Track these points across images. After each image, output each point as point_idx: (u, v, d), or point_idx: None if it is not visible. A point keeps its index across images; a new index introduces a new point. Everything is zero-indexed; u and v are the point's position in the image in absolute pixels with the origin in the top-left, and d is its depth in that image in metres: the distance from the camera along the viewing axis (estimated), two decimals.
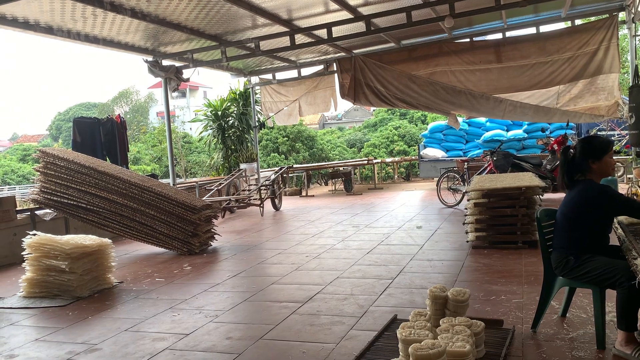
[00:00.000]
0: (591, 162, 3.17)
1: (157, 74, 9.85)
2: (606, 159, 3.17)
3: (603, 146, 3.18)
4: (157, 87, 45.79)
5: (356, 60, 9.97)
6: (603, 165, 3.17)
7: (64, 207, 6.93)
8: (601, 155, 3.16)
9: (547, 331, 3.42)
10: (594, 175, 3.20)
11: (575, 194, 3.21)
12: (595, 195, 3.11)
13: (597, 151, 3.17)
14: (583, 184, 3.20)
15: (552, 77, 8.97)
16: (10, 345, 3.87)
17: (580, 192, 3.19)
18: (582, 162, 3.20)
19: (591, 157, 3.17)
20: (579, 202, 3.18)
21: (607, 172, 3.22)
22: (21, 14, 6.97)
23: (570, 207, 3.22)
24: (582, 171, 3.21)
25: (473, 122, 13.88)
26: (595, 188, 3.14)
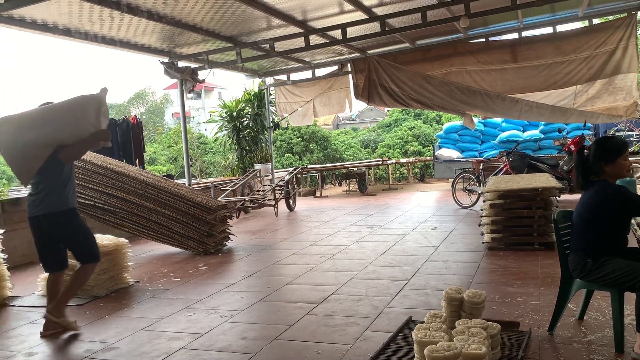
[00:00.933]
0: (604, 164, 3.14)
1: (173, 75, 9.93)
2: (620, 161, 3.13)
3: (617, 148, 3.14)
4: (173, 88, 46.12)
5: (370, 61, 9.95)
6: (617, 167, 3.14)
7: (81, 207, 7.00)
8: (614, 157, 3.13)
9: (564, 334, 3.39)
10: (608, 177, 3.17)
11: (590, 195, 3.19)
12: (609, 196, 3.08)
13: (610, 154, 3.14)
14: (598, 185, 3.18)
15: (569, 77, 8.87)
16: (29, 343, 3.93)
17: (595, 193, 3.17)
18: (595, 164, 3.17)
19: (604, 159, 3.14)
20: (593, 203, 3.15)
21: (621, 174, 3.19)
22: (40, 16, 7.07)
23: (586, 208, 3.20)
24: (596, 173, 3.18)
25: (489, 122, 13.77)
26: (609, 188, 3.12)
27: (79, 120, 4.04)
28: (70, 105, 4.11)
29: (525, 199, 5.96)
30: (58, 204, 4.04)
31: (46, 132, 3.93)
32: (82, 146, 4.13)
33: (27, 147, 3.90)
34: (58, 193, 4.04)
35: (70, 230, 4.15)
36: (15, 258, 6.66)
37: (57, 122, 3.99)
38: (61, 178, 4.07)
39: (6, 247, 5.45)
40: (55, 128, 3.96)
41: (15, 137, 3.92)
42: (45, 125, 3.95)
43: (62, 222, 4.08)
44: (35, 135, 3.90)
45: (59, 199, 4.05)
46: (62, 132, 3.99)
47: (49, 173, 4.01)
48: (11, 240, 6.54)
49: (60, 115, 4.02)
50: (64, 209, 4.07)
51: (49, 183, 4.01)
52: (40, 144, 3.92)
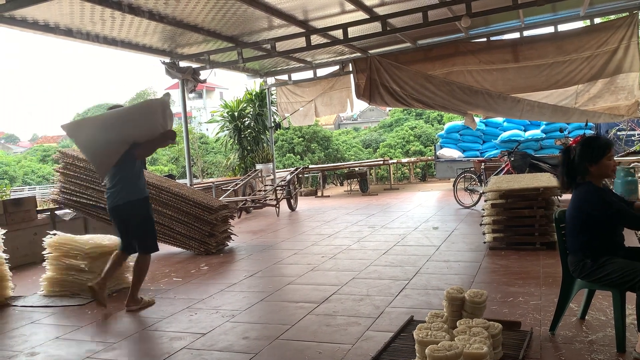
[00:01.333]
0: (588, 164, 3.13)
1: (175, 75, 9.94)
2: (604, 161, 3.12)
3: (601, 149, 3.13)
4: (174, 88, 46.16)
5: (372, 61, 9.95)
6: (601, 168, 3.13)
7: (83, 207, 7.03)
8: (598, 158, 3.12)
9: (566, 333, 3.39)
10: (593, 177, 3.17)
11: (575, 197, 3.19)
12: (589, 200, 3.08)
13: (595, 154, 3.13)
14: (582, 187, 3.18)
15: (571, 77, 8.86)
16: (31, 343, 3.94)
17: (578, 195, 3.18)
18: (580, 164, 3.17)
19: (588, 159, 3.13)
20: (579, 206, 3.15)
21: (606, 174, 3.18)
22: (41, 17, 7.09)
23: (573, 211, 3.20)
24: (581, 173, 3.18)
25: (490, 122, 13.76)
26: (590, 193, 3.12)
27: (150, 121, 4.61)
28: (141, 109, 4.80)
29: (527, 199, 5.95)
30: (134, 193, 4.63)
31: (123, 132, 4.50)
32: (153, 144, 4.74)
33: (107, 145, 4.49)
34: (133, 184, 4.64)
35: (137, 218, 4.68)
36: (17, 258, 6.67)
37: (131, 123, 4.55)
38: (134, 171, 4.66)
39: (8, 248, 5.46)
40: (129, 129, 4.53)
41: (95, 136, 4.50)
42: (121, 126, 4.52)
43: (133, 211, 4.63)
44: (113, 134, 4.48)
45: (135, 189, 4.64)
46: (136, 132, 4.56)
47: (124, 167, 4.59)
48: (13, 240, 6.55)
49: (134, 118, 4.59)
50: (140, 197, 4.69)
51: (125, 176, 4.60)
52: (118, 142, 4.51)
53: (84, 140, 4.57)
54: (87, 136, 4.56)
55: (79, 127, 4.71)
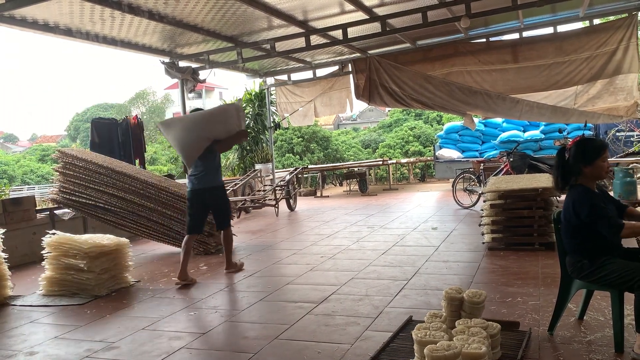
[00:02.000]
0: (583, 166, 3.14)
1: (174, 75, 9.94)
2: (598, 162, 3.12)
3: (595, 150, 3.14)
4: (174, 88, 46.13)
5: (371, 61, 9.96)
6: (595, 169, 3.13)
7: (82, 206, 7.03)
8: (593, 159, 3.12)
9: (564, 334, 3.39)
10: (586, 178, 3.17)
11: (567, 200, 3.20)
12: (579, 203, 3.09)
13: (589, 155, 3.13)
14: (574, 188, 3.19)
15: (570, 77, 8.86)
16: (30, 342, 3.94)
17: (570, 197, 3.19)
18: (574, 165, 3.17)
19: (582, 160, 3.14)
20: (570, 209, 3.16)
21: (599, 175, 3.18)
22: (41, 16, 7.09)
23: (566, 212, 3.21)
24: (575, 174, 3.19)
25: (489, 122, 13.77)
26: (580, 195, 3.12)
27: (227, 122, 5.63)
28: (220, 112, 5.78)
29: (526, 199, 5.96)
30: (214, 181, 5.65)
31: (206, 130, 5.49)
32: (230, 140, 5.79)
33: (194, 141, 5.46)
34: (213, 173, 5.66)
35: (219, 200, 5.72)
36: (16, 258, 6.67)
37: (213, 123, 5.55)
38: (214, 163, 5.68)
39: (7, 247, 5.45)
40: (211, 128, 5.52)
41: (184, 133, 5.47)
42: (204, 126, 5.50)
43: (216, 193, 5.67)
44: (198, 132, 5.46)
45: (214, 177, 5.67)
46: (217, 130, 5.57)
47: (206, 159, 5.58)
48: (12, 239, 6.54)
49: (214, 119, 5.60)
50: (218, 185, 5.74)
51: (206, 166, 5.60)
52: (202, 139, 5.48)
53: (174, 137, 5.54)
54: (176, 133, 5.52)
55: (170, 125, 5.72)
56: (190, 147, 5.48)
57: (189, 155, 5.51)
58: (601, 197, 3.18)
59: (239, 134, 5.75)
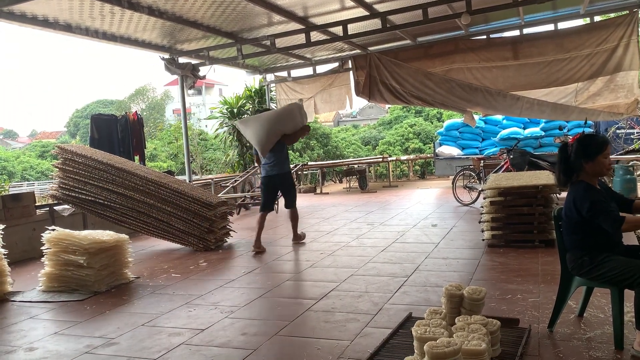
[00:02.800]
0: (584, 162, 3.14)
1: (174, 72, 9.92)
2: (600, 159, 3.13)
3: (597, 146, 3.14)
4: (173, 85, 46.12)
5: (371, 58, 9.94)
6: (597, 165, 3.14)
7: (82, 203, 7.03)
8: (594, 155, 3.13)
9: (564, 331, 3.39)
10: (587, 175, 3.18)
11: (569, 196, 3.21)
12: (580, 199, 3.09)
13: (591, 151, 3.14)
14: (575, 185, 3.19)
15: (570, 75, 8.84)
16: (29, 338, 3.94)
17: (571, 194, 3.19)
18: (576, 161, 3.18)
19: (584, 157, 3.14)
20: (572, 205, 3.16)
21: (601, 172, 3.19)
22: (41, 12, 7.06)
23: (568, 209, 3.21)
24: (576, 171, 3.19)
25: (489, 119, 13.76)
26: (581, 191, 3.13)
27: (294, 119, 6.72)
28: (287, 110, 6.86)
29: (526, 196, 5.96)
30: (283, 168, 6.74)
31: (277, 126, 6.58)
32: (296, 135, 6.88)
33: (267, 135, 6.53)
34: (282, 162, 6.74)
35: (288, 184, 6.86)
36: (16, 254, 6.67)
37: (283, 120, 6.65)
38: (283, 153, 6.77)
39: (7, 243, 5.45)
40: (281, 124, 6.61)
41: (260, 129, 6.54)
42: (275, 122, 6.58)
43: (285, 179, 6.78)
44: (272, 128, 6.55)
45: (284, 165, 6.75)
46: (286, 126, 6.67)
47: (277, 150, 6.68)
48: (12, 235, 6.54)
49: (283, 117, 6.70)
50: (287, 171, 6.84)
51: (277, 156, 6.68)
52: (275, 133, 6.58)
53: (251, 132, 6.63)
54: (253, 129, 6.61)
55: (247, 123, 6.86)
56: (266, 140, 6.55)
57: (264, 147, 6.58)
58: (603, 193, 3.18)
59: (303, 128, 6.89)
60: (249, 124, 6.75)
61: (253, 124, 6.69)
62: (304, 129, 6.93)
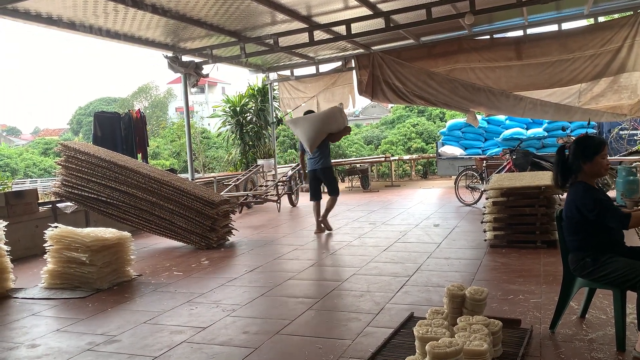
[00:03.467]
0: (582, 162, 3.16)
1: (177, 70, 9.93)
2: (598, 159, 3.14)
3: (595, 146, 3.16)
4: (176, 83, 46.08)
5: (375, 57, 9.93)
6: (595, 165, 3.15)
7: (84, 200, 7.04)
8: (592, 155, 3.14)
9: (566, 332, 3.39)
10: (586, 176, 3.19)
11: (570, 197, 3.22)
12: (582, 199, 3.10)
13: (589, 151, 3.15)
14: (575, 185, 3.21)
15: (574, 75, 8.81)
16: (32, 335, 3.95)
17: (572, 194, 3.21)
18: (574, 162, 3.19)
19: (582, 157, 3.16)
20: (573, 205, 3.17)
21: (599, 172, 3.21)
22: (45, 9, 7.08)
23: (568, 210, 3.21)
24: (575, 172, 3.20)
25: (492, 119, 13.74)
26: (582, 191, 3.13)
27: (337, 120, 7.65)
28: (331, 113, 7.74)
29: (528, 197, 5.96)
30: (326, 163, 7.66)
31: (324, 126, 7.52)
32: (339, 134, 7.82)
33: (316, 133, 7.46)
34: (326, 157, 7.67)
35: (329, 176, 7.80)
36: (18, 250, 6.69)
37: (329, 121, 7.59)
38: (326, 150, 7.69)
39: (9, 240, 5.46)
40: (327, 124, 7.56)
41: (309, 128, 7.47)
42: (322, 123, 7.54)
43: (327, 171, 7.74)
44: (320, 127, 7.50)
45: (327, 160, 7.69)
46: (332, 126, 7.61)
47: (322, 147, 7.61)
48: (14, 232, 6.56)
49: (328, 118, 7.61)
50: (329, 165, 7.77)
51: (322, 152, 7.62)
52: (322, 132, 7.53)
53: (301, 130, 7.56)
54: (303, 128, 7.55)
55: (297, 122, 7.77)
56: (314, 138, 7.47)
57: (313, 144, 7.52)
58: (603, 191, 3.19)
59: (345, 129, 7.83)
60: (299, 124, 7.65)
61: (303, 123, 7.60)
62: (345, 129, 7.83)
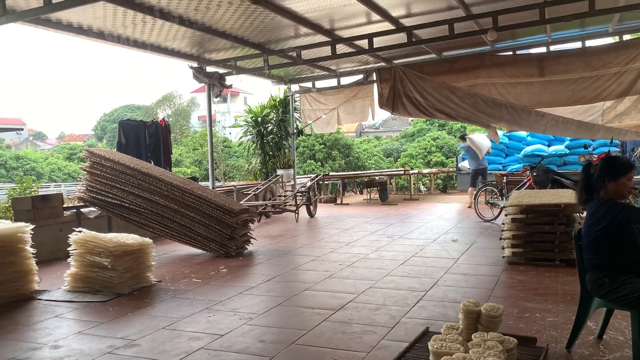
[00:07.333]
0: (607, 180, 3.18)
1: (202, 80, 10.11)
2: (623, 180, 3.16)
3: (622, 167, 3.19)
4: (199, 92, 46.71)
5: (396, 71, 9.99)
6: (619, 185, 3.17)
7: (108, 206, 7.18)
8: (618, 175, 3.17)
9: (582, 352, 3.37)
10: (608, 195, 3.21)
11: (590, 213, 3.23)
12: (606, 210, 3.11)
13: (615, 171, 3.18)
14: (595, 202, 3.22)
15: (598, 93, 8.75)
16: (54, 336, 4.06)
17: (593, 212, 3.22)
18: (599, 179, 3.21)
19: (608, 175, 3.18)
20: (594, 222, 3.18)
21: (622, 194, 3.22)
22: (76, 19, 7.31)
23: (589, 228, 3.22)
24: (598, 189, 3.22)
25: (513, 135, 13.67)
26: (605, 203, 3.16)
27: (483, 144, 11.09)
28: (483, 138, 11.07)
29: (548, 215, 5.92)
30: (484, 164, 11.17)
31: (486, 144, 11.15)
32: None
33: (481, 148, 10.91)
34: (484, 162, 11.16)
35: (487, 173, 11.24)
36: (43, 253, 6.84)
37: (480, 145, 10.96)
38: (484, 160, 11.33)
39: (35, 243, 5.60)
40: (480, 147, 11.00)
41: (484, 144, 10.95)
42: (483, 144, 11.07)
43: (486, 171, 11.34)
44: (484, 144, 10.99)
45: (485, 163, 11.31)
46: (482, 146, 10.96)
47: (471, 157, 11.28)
48: (40, 235, 6.70)
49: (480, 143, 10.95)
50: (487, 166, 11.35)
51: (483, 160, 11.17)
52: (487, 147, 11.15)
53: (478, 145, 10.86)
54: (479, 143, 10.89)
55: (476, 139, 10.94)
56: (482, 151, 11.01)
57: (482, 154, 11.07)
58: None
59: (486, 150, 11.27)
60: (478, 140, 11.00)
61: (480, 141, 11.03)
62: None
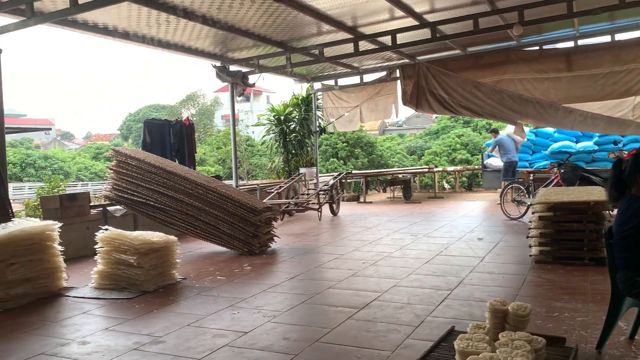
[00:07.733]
0: (639, 176, 3.08)
1: (225, 79, 10.16)
2: None
3: None
4: (223, 91, 47.12)
5: (420, 67, 9.88)
6: None
7: (133, 204, 7.28)
8: None
9: (613, 352, 3.29)
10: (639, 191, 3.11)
11: (620, 211, 3.15)
12: (638, 208, 3.04)
13: None
14: (626, 200, 3.14)
15: (628, 87, 8.52)
16: (82, 332, 4.12)
17: (624, 209, 3.13)
18: (630, 175, 3.12)
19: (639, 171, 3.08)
20: (625, 221, 3.09)
21: None
22: (101, 20, 7.41)
23: (620, 226, 3.13)
24: (629, 186, 3.13)
25: (540, 132, 13.41)
26: (637, 201, 3.07)
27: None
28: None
29: (576, 212, 5.79)
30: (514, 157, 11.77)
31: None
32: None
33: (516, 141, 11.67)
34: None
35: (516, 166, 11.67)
36: (71, 251, 6.94)
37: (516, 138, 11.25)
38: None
39: (63, 240, 5.70)
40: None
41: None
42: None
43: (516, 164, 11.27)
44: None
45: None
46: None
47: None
48: (67, 233, 6.81)
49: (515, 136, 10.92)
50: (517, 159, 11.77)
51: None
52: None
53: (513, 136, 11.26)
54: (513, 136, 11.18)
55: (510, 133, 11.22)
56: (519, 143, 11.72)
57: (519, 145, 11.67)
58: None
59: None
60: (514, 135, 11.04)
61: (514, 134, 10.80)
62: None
